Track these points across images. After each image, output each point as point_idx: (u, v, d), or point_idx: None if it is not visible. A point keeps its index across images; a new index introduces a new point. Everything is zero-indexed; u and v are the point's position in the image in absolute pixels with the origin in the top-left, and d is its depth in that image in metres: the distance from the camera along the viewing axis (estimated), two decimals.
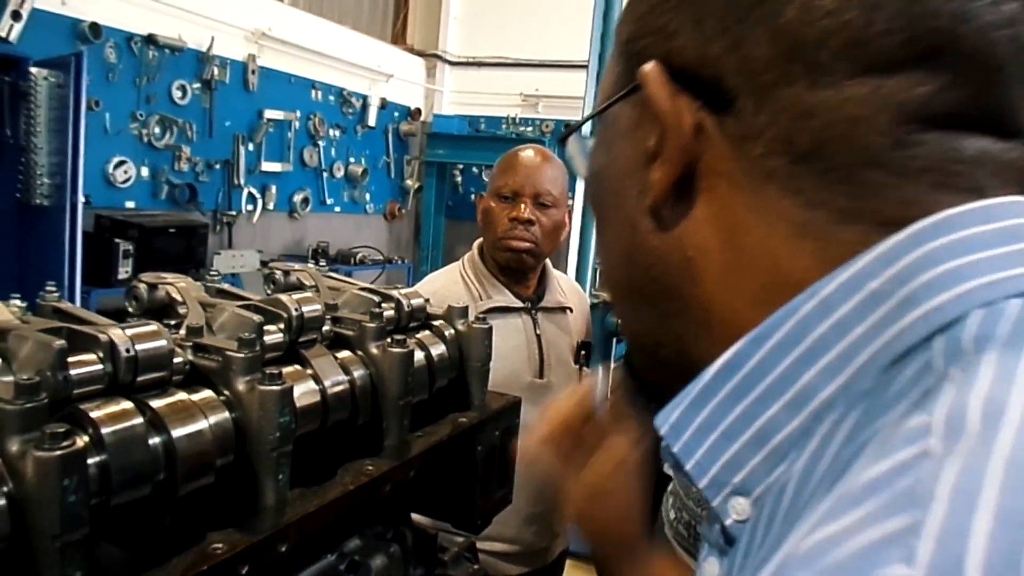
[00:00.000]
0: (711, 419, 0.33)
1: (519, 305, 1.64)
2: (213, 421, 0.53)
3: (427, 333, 0.82)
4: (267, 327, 0.63)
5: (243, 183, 5.23)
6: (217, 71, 4.85)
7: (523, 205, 1.59)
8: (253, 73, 5.19)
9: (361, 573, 0.70)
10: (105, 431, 0.46)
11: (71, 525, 0.41)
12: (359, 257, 5.90)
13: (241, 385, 0.55)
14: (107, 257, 3.89)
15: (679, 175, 0.36)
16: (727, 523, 0.32)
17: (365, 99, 6.41)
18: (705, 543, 0.35)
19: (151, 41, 4.40)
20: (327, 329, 0.71)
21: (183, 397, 0.52)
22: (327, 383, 0.65)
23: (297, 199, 5.81)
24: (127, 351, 0.50)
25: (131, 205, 4.45)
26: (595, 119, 0.44)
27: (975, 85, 0.31)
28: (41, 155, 3.56)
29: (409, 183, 7.15)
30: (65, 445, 0.41)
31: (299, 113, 5.67)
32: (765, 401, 0.32)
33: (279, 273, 0.81)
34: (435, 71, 7.31)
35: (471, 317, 0.85)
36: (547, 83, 6.89)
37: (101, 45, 4.10)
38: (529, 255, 1.61)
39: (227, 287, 0.74)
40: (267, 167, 5.45)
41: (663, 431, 0.35)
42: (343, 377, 0.67)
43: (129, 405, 0.48)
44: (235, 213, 5.20)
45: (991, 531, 0.21)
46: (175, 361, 0.54)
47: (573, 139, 0.50)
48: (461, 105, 7.34)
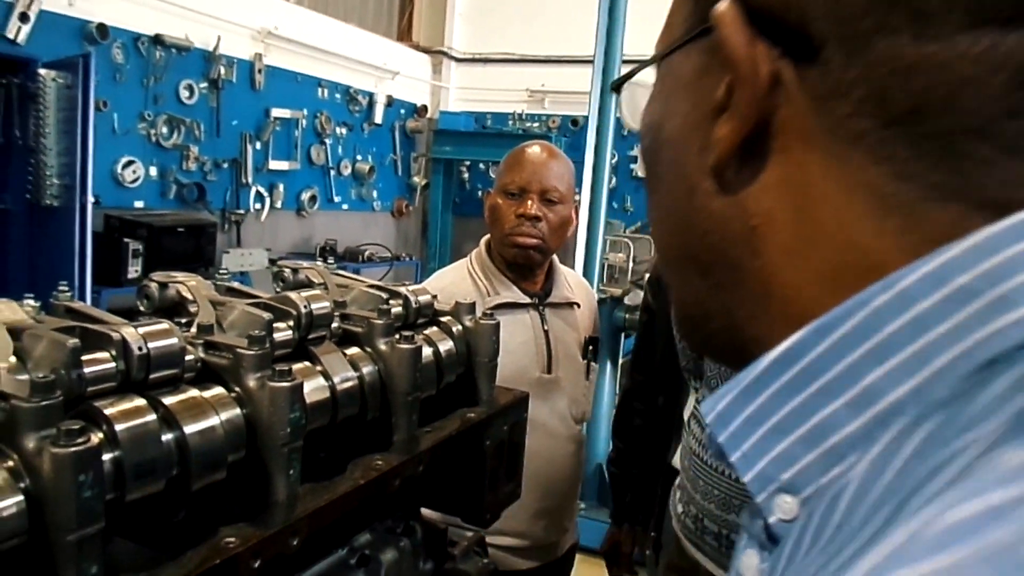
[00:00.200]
0: (762, 411, 0.31)
1: (527, 301, 1.64)
2: (225, 417, 0.54)
3: (435, 329, 0.82)
4: (277, 324, 0.64)
5: (251, 182, 5.26)
6: (224, 70, 4.88)
7: (530, 201, 1.59)
8: (260, 72, 5.21)
9: (371, 567, 0.71)
10: (119, 428, 0.47)
11: (87, 520, 0.42)
12: (367, 254, 5.93)
13: (252, 382, 0.56)
14: (117, 257, 3.93)
15: (749, 132, 0.32)
16: (771, 520, 0.30)
17: (371, 96, 6.42)
18: (745, 533, 0.33)
19: (158, 41, 4.43)
20: (336, 326, 0.71)
21: (195, 394, 0.53)
22: (336, 379, 0.66)
23: (305, 197, 5.83)
24: (140, 349, 0.50)
25: (140, 205, 4.48)
26: (657, 65, 0.39)
27: None
28: (50, 156, 3.59)
29: (416, 180, 7.16)
30: (80, 442, 0.41)
31: (306, 111, 5.70)
32: (824, 397, 0.29)
33: (288, 271, 0.82)
34: (441, 68, 7.32)
35: (479, 313, 0.86)
36: (553, 79, 6.89)
37: (108, 46, 4.13)
38: (536, 251, 1.62)
39: (236, 285, 0.75)
40: (274, 165, 5.48)
41: (709, 419, 0.33)
42: (352, 373, 0.68)
43: (142, 402, 0.49)
44: (243, 212, 5.23)
45: None
46: (187, 359, 0.55)
47: (628, 88, 0.45)
48: (467, 102, 7.35)
